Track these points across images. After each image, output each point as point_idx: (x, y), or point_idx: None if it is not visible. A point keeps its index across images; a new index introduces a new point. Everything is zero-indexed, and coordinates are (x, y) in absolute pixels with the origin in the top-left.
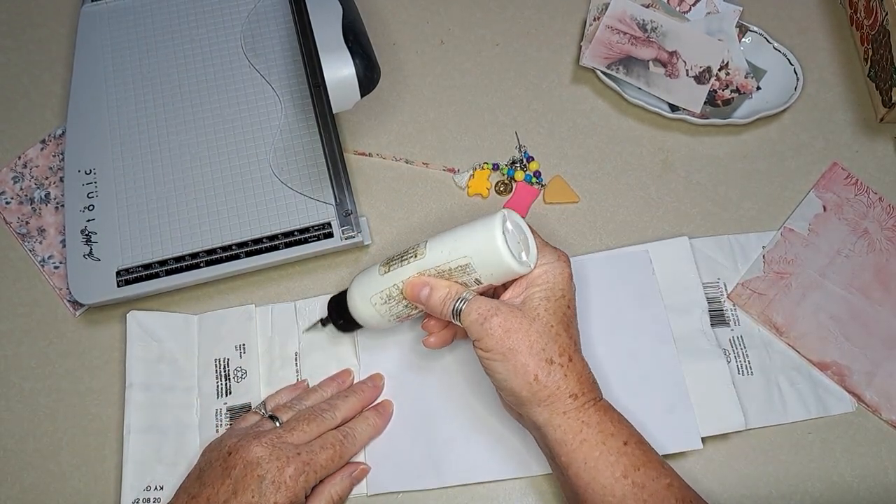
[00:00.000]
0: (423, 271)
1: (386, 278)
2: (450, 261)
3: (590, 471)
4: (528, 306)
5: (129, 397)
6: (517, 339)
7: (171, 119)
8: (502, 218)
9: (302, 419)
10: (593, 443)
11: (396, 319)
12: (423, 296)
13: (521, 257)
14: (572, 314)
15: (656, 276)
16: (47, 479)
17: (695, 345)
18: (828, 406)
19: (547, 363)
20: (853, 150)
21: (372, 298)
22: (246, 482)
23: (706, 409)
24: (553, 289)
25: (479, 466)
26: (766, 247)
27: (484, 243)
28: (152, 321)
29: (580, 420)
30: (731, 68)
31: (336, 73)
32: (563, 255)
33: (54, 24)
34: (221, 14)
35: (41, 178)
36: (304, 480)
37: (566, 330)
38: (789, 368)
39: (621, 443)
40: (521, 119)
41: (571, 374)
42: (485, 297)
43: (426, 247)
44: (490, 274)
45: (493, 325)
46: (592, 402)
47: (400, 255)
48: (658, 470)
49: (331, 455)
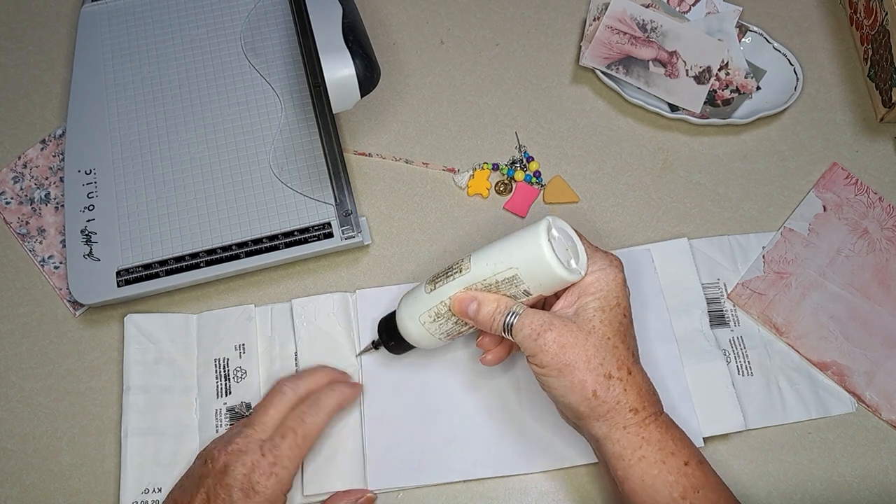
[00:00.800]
0: (469, 286)
1: (432, 296)
2: (496, 273)
3: (647, 489)
4: (583, 318)
5: (127, 401)
6: (573, 355)
7: (171, 119)
8: (547, 225)
9: (262, 406)
10: (652, 461)
11: (448, 337)
12: (472, 311)
13: (571, 264)
14: (629, 322)
15: (658, 276)
16: (47, 479)
17: (695, 345)
18: (828, 406)
19: (606, 378)
20: (853, 150)
21: (420, 318)
22: (217, 492)
23: (706, 409)
24: (607, 297)
25: (481, 463)
26: (766, 247)
27: (530, 252)
28: (150, 323)
29: (640, 436)
30: (731, 68)
31: (336, 73)
32: (616, 259)
33: (54, 24)
34: (221, 14)
35: (41, 179)
36: (276, 481)
37: (623, 341)
38: (789, 369)
39: (682, 462)
40: (521, 119)
41: (631, 387)
42: (537, 310)
43: (470, 261)
44: (539, 284)
45: (547, 340)
46: (653, 417)
47: (445, 272)
48: (718, 493)
49: (292, 442)
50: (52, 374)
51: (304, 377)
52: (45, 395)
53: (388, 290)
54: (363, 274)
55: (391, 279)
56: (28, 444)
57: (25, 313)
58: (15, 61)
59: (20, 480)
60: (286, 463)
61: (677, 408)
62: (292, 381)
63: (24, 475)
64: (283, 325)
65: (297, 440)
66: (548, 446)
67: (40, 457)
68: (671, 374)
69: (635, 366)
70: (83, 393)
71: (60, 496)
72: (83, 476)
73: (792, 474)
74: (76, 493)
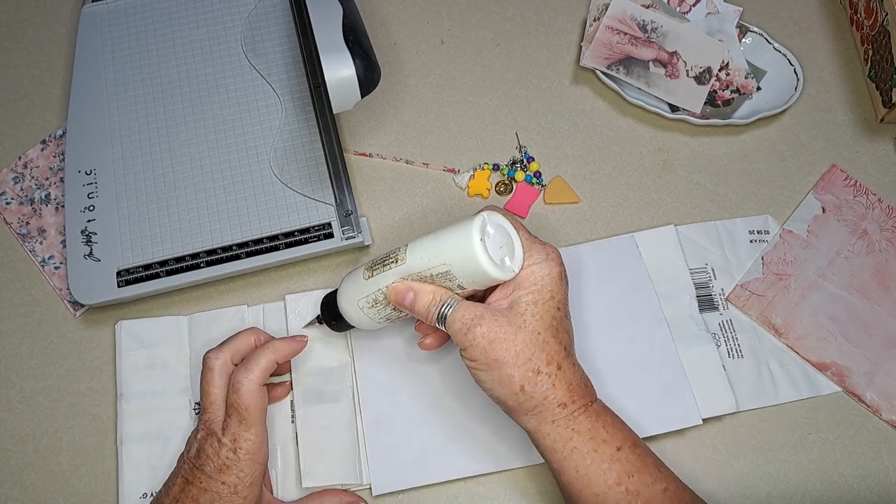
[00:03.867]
0: (405, 276)
1: (370, 283)
2: (430, 267)
3: (581, 479)
4: (515, 312)
5: (122, 408)
6: (502, 350)
7: (172, 119)
8: (481, 222)
9: (202, 388)
10: (584, 451)
11: (386, 321)
12: (408, 301)
13: (504, 262)
14: (562, 316)
15: (644, 261)
16: (47, 480)
17: (685, 330)
18: (818, 386)
19: (534, 374)
20: (853, 150)
21: (359, 302)
22: (194, 474)
23: (697, 393)
24: (541, 291)
25: (482, 459)
26: (765, 248)
27: (462, 251)
28: (142, 328)
29: (570, 428)
30: (732, 69)
31: (336, 73)
32: (554, 251)
33: (54, 25)
34: (221, 14)
35: (41, 179)
36: (245, 454)
37: (555, 336)
38: (779, 350)
39: (614, 449)
40: (521, 119)
41: (560, 382)
42: (470, 303)
43: (406, 252)
44: (472, 281)
45: (476, 335)
46: (583, 408)
47: (382, 260)
48: (654, 475)
49: (237, 416)
50: (53, 375)
51: (227, 342)
52: (45, 395)
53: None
54: None
55: None
56: (28, 445)
57: (25, 314)
58: (15, 61)
59: (20, 480)
60: (246, 436)
61: (673, 390)
62: (215, 350)
63: (24, 475)
64: (275, 324)
65: (241, 412)
66: None
67: (40, 457)
68: (665, 358)
69: (566, 360)
70: (83, 393)
71: (60, 496)
72: (83, 476)
73: (792, 475)
74: (76, 494)
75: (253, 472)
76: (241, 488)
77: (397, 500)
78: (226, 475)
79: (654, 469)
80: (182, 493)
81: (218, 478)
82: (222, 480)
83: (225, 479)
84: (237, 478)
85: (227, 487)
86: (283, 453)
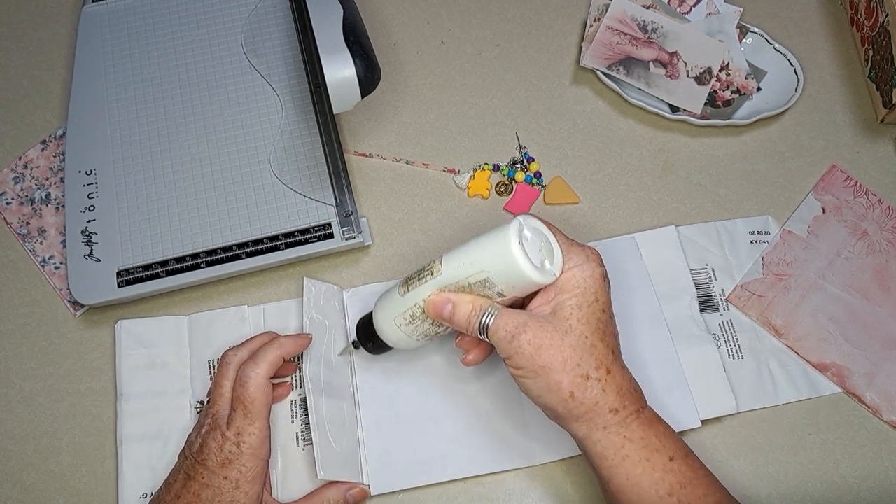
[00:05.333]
0: (442, 288)
1: (406, 298)
2: (468, 276)
3: (633, 487)
4: (559, 317)
5: (121, 408)
6: (549, 356)
7: (172, 119)
8: (518, 226)
9: (215, 381)
10: (636, 459)
11: (425, 338)
12: (447, 313)
13: (544, 266)
14: (608, 318)
15: (644, 262)
16: (47, 480)
17: (685, 331)
18: (818, 387)
19: (583, 379)
20: (853, 150)
21: (396, 320)
22: (196, 469)
23: (698, 393)
24: (584, 294)
25: (483, 459)
26: (766, 249)
27: (500, 256)
28: (142, 328)
29: (622, 435)
30: (732, 69)
31: (336, 73)
32: (594, 252)
33: (55, 25)
34: (221, 14)
35: (42, 179)
36: (248, 449)
37: (602, 339)
38: (779, 351)
39: (667, 458)
40: (521, 120)
41: (610, 387)
42: (513, 311)
43: (441, 262)
44: (512, 287)
45: (522, 342)
46: (635, 414)
47: (417, 274)
48: (706, 487)
49: (242, 410)
50: (53, 375)
51: (247, 342)
52: (45, 395)
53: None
54: (363, 275)
55: (391, 280)
56: (28, 445)
57: (26, 314)
58: (15, 62)
59: (20, 481)
60: (250, 430)
61: (673, 392)
62: (235, 348)
63: (24, 475)
64: (275, 324)
65: (246, 405)
66: (549, 439)
67: (40, 457)
68: (664, 359)
69: (615, 364)
70: (83, 393)
71: (60, 497)
72: (83, 476)
73: (792, 475)
74: (76, 494)
75: (255, 467)
76: (243, 483)
77: (397, 500)
78: (228, 469)
79: (707, 481)
80: (184, 488)
81: (220, 472)
82: (224, 475)
83: (227, 474)
84: (239, 472)
85: (229, 482)
86: (283, 454)
